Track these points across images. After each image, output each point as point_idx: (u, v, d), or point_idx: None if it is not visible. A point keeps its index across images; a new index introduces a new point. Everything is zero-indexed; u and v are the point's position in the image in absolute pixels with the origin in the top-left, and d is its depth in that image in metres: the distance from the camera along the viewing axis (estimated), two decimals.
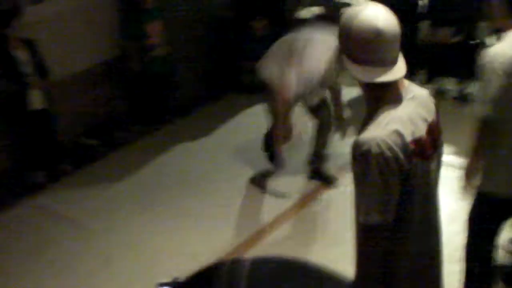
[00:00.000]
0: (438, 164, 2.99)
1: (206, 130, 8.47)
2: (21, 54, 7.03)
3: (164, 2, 8.80)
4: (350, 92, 7.53)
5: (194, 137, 8.28)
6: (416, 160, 2.75)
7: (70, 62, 8.01)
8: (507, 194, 4.26)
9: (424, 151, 2.80)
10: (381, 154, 2.65)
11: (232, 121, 8.66)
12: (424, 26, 9.26)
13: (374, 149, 2.65)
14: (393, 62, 2.74)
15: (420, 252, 2.98)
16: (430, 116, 2.89)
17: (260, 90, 6.33)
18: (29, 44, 7.13)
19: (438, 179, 3.04)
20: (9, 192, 7.23)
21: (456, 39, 8.65)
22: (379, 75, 2.70)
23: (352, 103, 8.08)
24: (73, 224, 6.58)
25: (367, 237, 2.79)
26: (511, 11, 4.03)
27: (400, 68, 2.76)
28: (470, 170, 4.32)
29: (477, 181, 4.30)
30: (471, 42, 8.78)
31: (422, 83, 8.96)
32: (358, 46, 2.69)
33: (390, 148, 2.66)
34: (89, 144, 8.23)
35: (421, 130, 2.79)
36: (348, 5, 9.64)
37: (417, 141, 2.74)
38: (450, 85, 8.95)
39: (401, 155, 2.68)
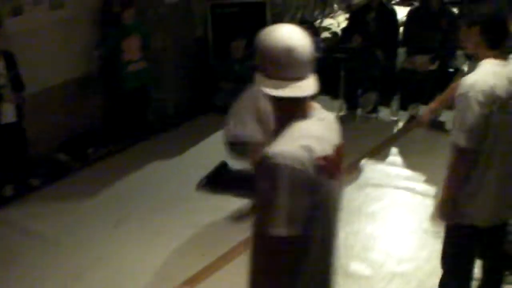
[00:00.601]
0: (340, 187, 3.02)
1: (181, 148, 8.43)
2: None
3: (144, 17, 8.82)
4: None
5: (169, 155, 8.23)
6: (323, 177, 2.78)
7: (46, 75, 7.99)
8: (488, 222, 4.28)
9: (331, 170, 2.83)
10: (291, 167, 2.65)
11: (208, 140, 8.63)
12: (401, 54, 9.35)
13: (284, 162, 2.65)
14: (304, 79, 2.79)
15: (318, 271, 2.99)
16: (336, 139, 2.95)
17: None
18: (7, 56, 7.11)
19: (340, 201, 3.05)
20: None
21: (432, 66, 8.73)
22: (291, 90, 2.76)
23: None
24: (42, 239, 6.50)
25: (272, 251, 2.76)
26: (488, 42, 4.06)
27: (310, 86, 2.80)
28: (446, 201, 4.30)
29: (453, 213, 4.29)
30: (447, 69, 8.86)
31: (397, 110, 9.04)
32: (271, 62, 2.76)
33: (299, 162, 2.66)
34: (61, 159, 8.18)
35: (329, 150, 2.83)
36: (328, 29, 9.76)
37: (325, 158, 2.78)
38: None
39: (310, 169, 2.69)
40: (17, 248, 6.39)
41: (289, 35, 2.75)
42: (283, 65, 2.74)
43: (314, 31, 10.35)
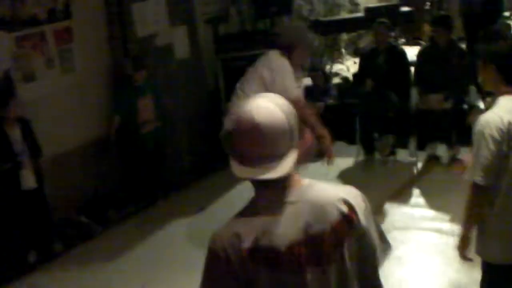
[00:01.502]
0: (325, 282, 2.61)
1: (202, 203, 8.38)
2: (15, 133, 7.04)
3: (156, 77, 8.86)
4: None
5: (189, 213, 8.20)
6: (259, 270, 2.54)
7: (63, 139, 8.02)
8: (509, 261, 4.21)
9: (274, 263, 2.54)
10: (214, 252, 2.57)
11: (227, 195, 8.60)
12: (414, 93, 9.34)
13: (211, 245, 2.59)
14: (269, 159, 2.50)
15: None
16: (321, 225, 2.56)
17: None
18: (22, 123, 7.14)
19: None
20: (0, 272, 7.13)
21: (446, 105, 8.70)
22: (246, 172, 2.52)
23: None
24: None
25: None
26: (505, 79, 4.04)
27: (275, 169, 2.50)
28: (463, 238, 4.26)
29: (473, 250, 4.25)
30: (462, 107, 8.84)
31: (414, 150, 9.01)
32: (234, 139, 2.54)
33: (224, 249, 2.54)
34: (81, 222, 8.15)
35: (279, 241, 2.53)
36: (338, 74, 9.75)
37: (257, 251, 2.52)
38: (441, 151, 8.96)
39: (234, 260, 2.53)
40: None
41: (257, 110, 2.50)
42: (244, 143, 2.51)
43: (325, 77, 10.38)
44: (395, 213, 7.56)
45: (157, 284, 6.69)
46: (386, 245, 2.76)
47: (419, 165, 8.95)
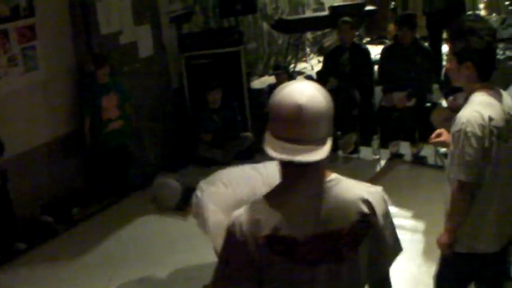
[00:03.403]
0: (336, 279, 2.64)
1: None
2: None
3: (120, 74, 8.84)
4: None
5: (152, 211, 8.13)
6: (274, 258, 2.56)
7: (28, 137, 7.97)
8: (490, 249, 4.25)
9: (290, 254, 2.56)
10: (233, 235, 2.59)
11: None
12: (377, 92, 9.40)
13: (230, 228, 2.61)
14: (309, 142, 2.51)
15: None
16: (340, 222, 2.60)
17: None
18: None
19: None
20: None
21: (409, 103, 8.78)
22: (284, 153, 2.51)
23: None
24: None
25: None
26: (480, 75, 4.06)
27: (313, 153, 2.51)
28: (448, 235, 4.28)
29: (455, 244, 4.28)
30: (425, 105, 8.92)
31: (377, 148, 9.06)
32: (276, 120, 2.55)
33: (242, 232, 2.57)
34: (45, 222, 8.09)
35: (299, 231, 2.56)
36: (302, 73, 9.84)
37: (275, 239, 2.54)
38: (405, 149, 9.02)
39: (251, 245, 2.56)
40: None
41: (301, 92, 2.51)
42: (286, 125, 2.51)
43: (288, 76, 10.41)
44: None
45: (123, 278, 6.66)
46: (397, 247, 2.80)
47: (382, 163, 9.01)
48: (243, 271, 2.60)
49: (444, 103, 9.16)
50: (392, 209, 7.46)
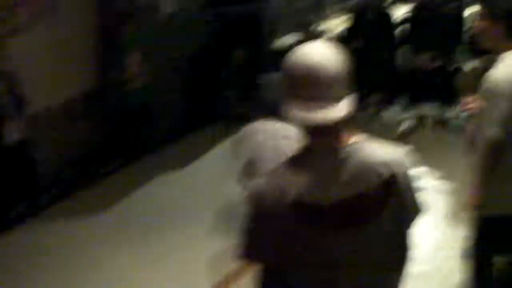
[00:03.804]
0: (360, 243, 2.62)
1: (188, 161, 8.37)
2: None
3: (143, 32, 8.76)
4: None
5: (174, 168, 8.17)
6: (298, 224, 2.55)
7: (48, 94, 7.93)
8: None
9: (314, 219, 2.54)
10: (256, 202, 2.58)
11: (212, 151, 8.58)
12: (404, 52, 9.29)
13: (253, 195, 2.59)
14: (324, 102, 2.47)
15: None
16: (363, 186, 2.56)
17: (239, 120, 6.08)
18: (6, 76, 7.06)
19: (364, 260, 2.66)
20: None
21: (435, 64, 8.67)
22: (300, 114, 2.48)
23: None
24: (52, 259, 6.42)
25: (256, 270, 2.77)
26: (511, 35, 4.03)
27: (328, 112, 2.47)
28: (475, 194, 4.24)
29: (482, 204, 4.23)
30: (450, 67, 8.81)
31: (402, 109, 8.99)
32: (289, 81, 2.53)
33: (266, 200, 2.55)
34: (68, 177, 8.11)
35: (323, 197, 2.53)
36: (326, 32, 9.71)
37: (300, 205, 2.52)
38: (430, 110, 8.93)
39: (275, 213, 2.54)
40: (31, 269, 6.29)
41: (313, 52, 2.49)
42: (300, 85, 2.49)
43: (312, 35, 10.30)
44: None
45: (141, 238, 6.68)
46: (419, 208, 2.77)
47: (407, 123, 8.92)
48: (268, 239, 2.59)
49: (469, 66, 9.03)
50: (417, 170, 7.44)
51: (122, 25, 8.31)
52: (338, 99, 2.48)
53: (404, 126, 8.89)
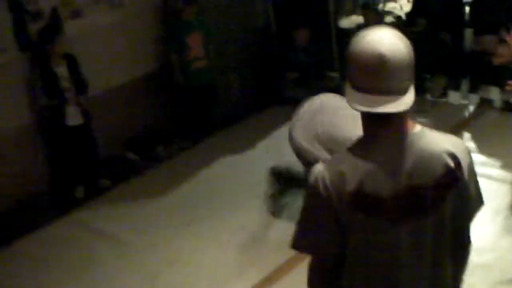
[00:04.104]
0: (421, 234, 2.57)
1: (249, 143, 8.32)
2: (61, 70, 7.05)
3: (206, 13, 8.74)
4: None
5: (236, 151, 8.14)
6: (358, 215, 2.51)
7: (111, 75, 8.02)
8: None
9: (374, 210, 2.50)
10: (316, 189, 2.52)
11: (275, 133, 8.52)
12: (468, 34, 9.10)
13: (313, 182, 2.54)
14: (391, 93, 2.43)
15: None
16: (425, 177, 2.50)
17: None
18: (69, 59, 7.14)
19: (424, 252, 2.62)
20: (48, 208, 7.24)
21: (501, 47, 8.46)
22: (366, 105, 2.44)
23: None
24: (114, 241, 6.48)
25: (309, 264, 2.74)
26: None
27: (395, 103, 2.43)
28: None
29: None
30: None
31: (467, 93, 8.82)
32: (356, 70, 2.46)
33: (326, 188, 2.51)
34: (129, 159, 8.18)
35: (384, 187, 2.49)
36: (391, 13, 9.55)
37: (360, 195, 2.48)
38: (494, 95, 8.73)
39: (335, 200, 2.50)
40: (90, 250, 6.39)
41: (381, 40, 2.42)
42: (369, 75, 2.42)
43: (377, 15, 10.16)
44: None
45: (203, 220, 6.67)
46: (480, 200, 2.74)
47: (471, 108, 8.76)
48: (327, 227, 2.55)
49: None
50: (480, 158, 7.33)
51: (187, 6, 8.27)
52: (404, 89, 2.45)
53: (469, 110, 8.73)
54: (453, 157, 2.53)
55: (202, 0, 8.67)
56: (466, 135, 7.95)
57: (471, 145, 7.67)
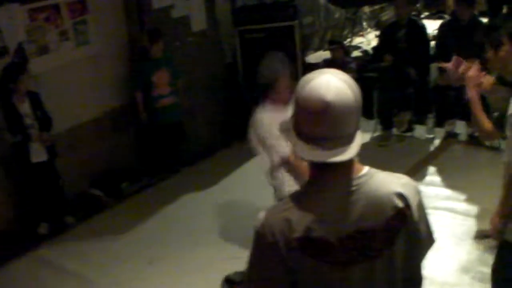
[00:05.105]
0: (372, 277, 2.52)
1: (215, 179, 8.34)
2: (24, 106, 7.02)
3: (171, 50, 8.76)
4: None
5: (202, 187, 8.16)
6: (306, 260, 2.45)
7: (77, 112, 8.00)
8: None
9: (323, 255, 2.44)
10: (263, 236, 2.47)
11: (242, 168, 8.53)
12: (433, 69, 9.19)
13: (259, 229, 2.49)
14: (337, 140, 2.38)
15: None
16: (375, 220, 2.46)
17: None
18: (32, 96, 7.11)
19: None
20: (12, 244, 7.14)
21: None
22: (311, 154, 2.40)
23: None
24: (77, 278, 6.44)
25: None
26: None
27: (342, 150, 2.39)
28: (500, 220, 4.14)
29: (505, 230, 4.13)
30: None
31: (432, 127, 8.89)
32: (301, 117, 2.41)
33: (273, 234, 2.44)
34: (95, 196, 8.14)
35: (332, 232, 2.43)
36: (358, 48, 9.63)
37: (308, 241, 2.42)
38: (460, 128, 8.81)
39: (282, 246, 2.43)
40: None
41: (327, 86, 2.36)
42: (315, 123, 2.38)
43: (344, 51, 10.24)
44: None
45: (166, 257, 6.66)
46: (432, 239, 2.69)
47: (437, 142, 8.82)
48: (275, 272, 2.49)
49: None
50: (445, 191, 7.35)
51: (153, 43, 8.29)
52: (350, 135, 2.41)
53: (434, 144, 8.79)
54: (402, 197, 2.50)
55: (167, 36, 8.68)
56: (432, 169, 8.00)
57: (436, 179, 7.72)
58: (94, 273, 6.49)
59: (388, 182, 2.53)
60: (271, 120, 5.18)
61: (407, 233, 2.53)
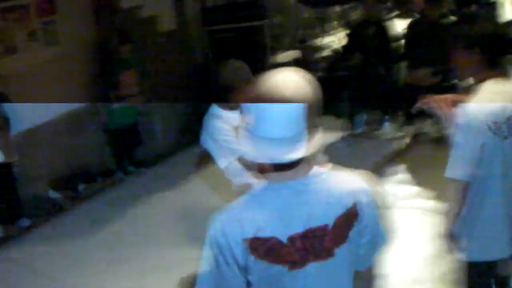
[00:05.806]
0: (324, 275, 2.54)
1: (176, 180, 8.31)
2: None
3: (140, 50, 8.73)
4: None
5: (161, 188, 8.13)
6: (258, 260, 2.47)
7: (36, 113, 7.83)
8: (495, 257, 4.04)
9: (274, 255, 2.46)
10: (214, 237, 2.49)
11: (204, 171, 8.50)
12: (402, 68, 9.23)
13: (212, 231, 2.51)
14: (288, 140, 2.39)
15: None
16: (324, 219, 2.48)
17: None
18: None
19: None
20: None
21: (435, 79, 8.59)
22: (265, 155, 2.41)
23: None
24: (38, 279, 6.37)
25: None
26: (490, 62, 3.79)
27: (295, 150, 2.39)
28: (447, 234, 4.11)
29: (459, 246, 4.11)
30: (450, 82, 8.73)
31: (400, 126, 8.93)
32: (256, 117, 2.41)
33: (225, 235, 2.46)
34: (52, 197, 8.07)
35: (282, 232, 2.45)
36: (328, 47, 9.64)
37: (258, 241, 2.44)
38: (428, 127, 8.86)
39: (233, 246, 2.46)
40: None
41: (283, 84, 2.40)
42: (266, 122, 2.39)
43: (314, 50, 10.28)
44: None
45: (122, 262, 6.57)
46: (386, 236, 2.69)
47: (406, 140, 8.86)
48: (227, 272, 2.51)
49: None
50: (414, 189, 7.37)
51: (124, 43, 8.26)
52: (303, 134, 2.41)
53: (403, 142, 8.84)
54: (355, 195, 2.52)
55: (136, 35, 8.66)
56: (400, 167, 8.04)
57: (405, 177, 7.76)
58: (58, 272, 6.43)
59: (341, 181, 2.56)
60: (226, 124, 5.15)
61: (358, 232, 2.55)
